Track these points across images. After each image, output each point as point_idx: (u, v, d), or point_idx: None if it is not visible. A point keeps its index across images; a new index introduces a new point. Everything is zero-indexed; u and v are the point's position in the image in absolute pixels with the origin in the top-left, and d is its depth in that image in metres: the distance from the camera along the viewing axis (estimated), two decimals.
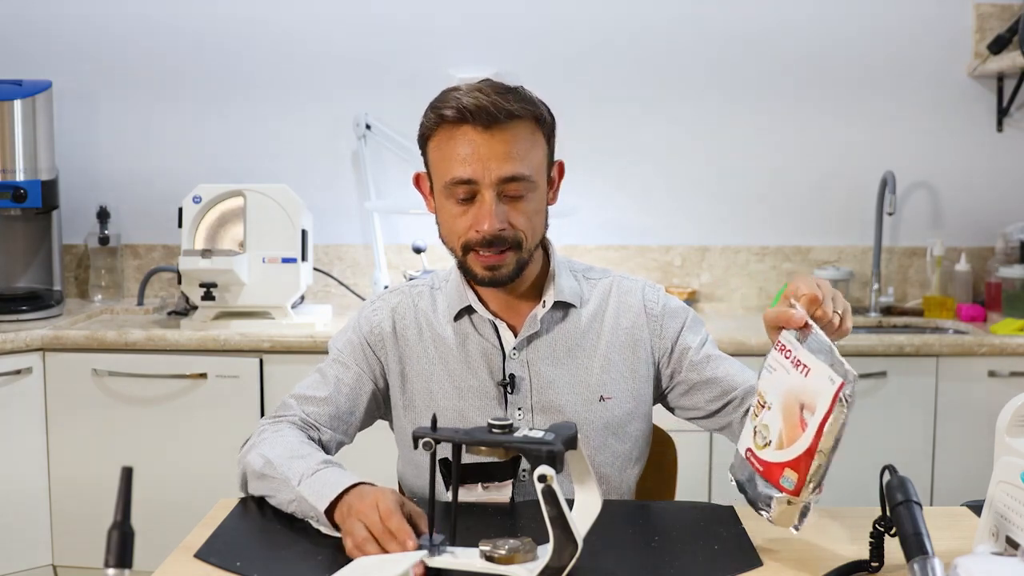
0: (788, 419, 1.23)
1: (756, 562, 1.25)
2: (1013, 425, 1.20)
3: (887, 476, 1.16)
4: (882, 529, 1.19)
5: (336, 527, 1.32)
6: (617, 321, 1.61)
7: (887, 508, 1.15)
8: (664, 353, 1.62)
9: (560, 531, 1.16)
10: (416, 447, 1.21)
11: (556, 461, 1.15)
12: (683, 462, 1.86)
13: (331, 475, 1.37)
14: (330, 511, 1.32)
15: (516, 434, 1.19)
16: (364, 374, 1.60)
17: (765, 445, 1.26)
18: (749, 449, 1.29)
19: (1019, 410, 1.20)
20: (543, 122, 1.52)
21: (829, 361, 1.21)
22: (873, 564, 1.20)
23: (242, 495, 1.50)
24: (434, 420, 1.24)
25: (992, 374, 2.77)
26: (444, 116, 1.48)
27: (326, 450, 1.56)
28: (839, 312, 1.30)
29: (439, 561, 1.19)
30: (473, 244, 1.50)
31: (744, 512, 1.43)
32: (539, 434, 1.19)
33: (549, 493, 1.14)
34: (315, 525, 1.36)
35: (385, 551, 1.21)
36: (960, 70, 3.27)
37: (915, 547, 1.07)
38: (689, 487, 2.69)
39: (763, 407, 1.28)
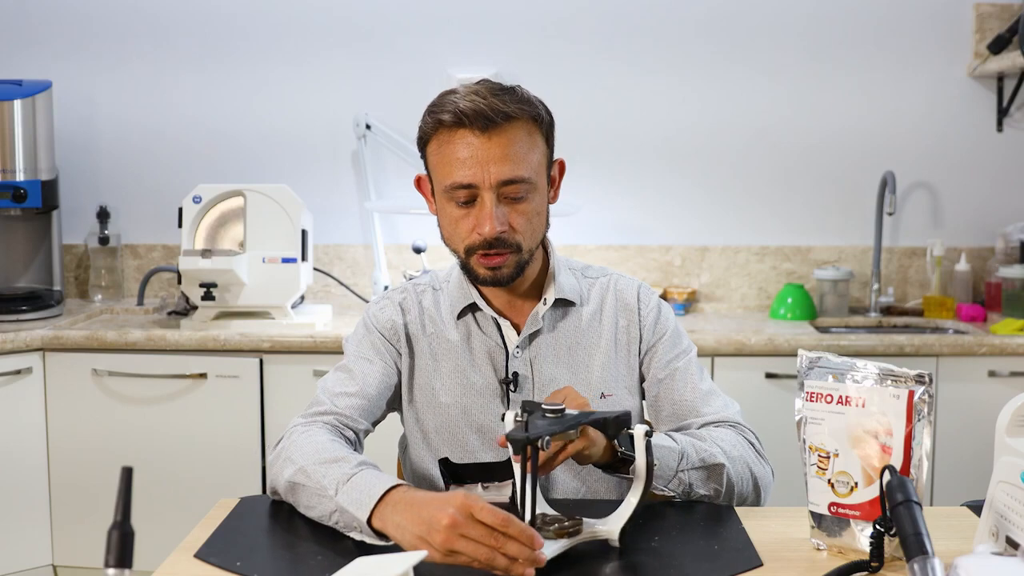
0: (866, 455, 1.24)
1: (756, 562, 1.25)
2: (1013, 425, 1.20)
3: (887, 476, 1.16)
4: (882, 529, 1.19)
5: (378, 534, 1.27)
6: (615, 319, 1.62)
7: (887, 508, 1.15)
8: (643, 353, 1.63)
9: (649, 476, 1.30)
10: (518, 453, 1.19)
11: (632, 421, 1.32)
12: None
13: (367, 479, 1.31)
14: (370, 518, 1.28)
15: (568, 412, 1.28)
16: (388, 366, 1.60)
17: (851, 490, 1.25)
18: (833, 503, 1.27)
19: (1019, 410, 1.20)
20: (541, 121, 1.52)
21: (880, 380, 1.24)
22: (873, 564, 1.20)
23: (248, 494, 1.50)
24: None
25: (992, 374, 2.77)
26: (441, 121, 1.49)
27: (360, 443, 1.55)
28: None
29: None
30: (475, 247, 1.50)
31: (744, 512, 1.43)
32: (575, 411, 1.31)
33: (650, 445, 1.31)
34: (358, 537, 1.30)
35: (510, 556, 1.16)
36: (960, 70, 3.27)
37: (915, 547, 1.07)
38: None
39: (828, 458, 1.27)
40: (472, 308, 1.60)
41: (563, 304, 1.61)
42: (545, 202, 1.56)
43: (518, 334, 1.59)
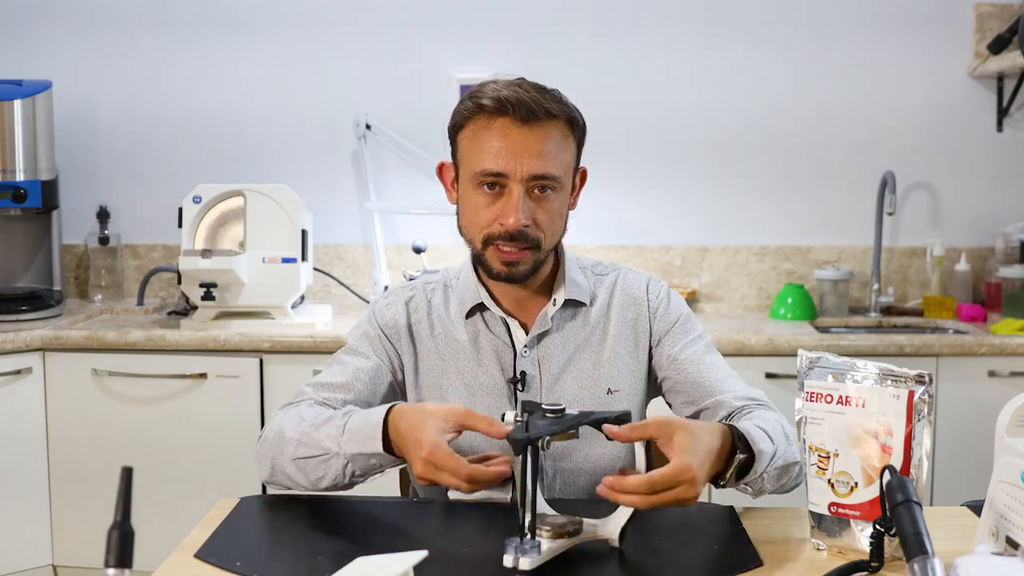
0: (866, 455, 1.24)
1: (756, 562, 1.25)
2: (1013, 425, 1.20)
3: (887, 476, 1.16)
4: (882, 529, 1.19)
5: (399, 458, 1.37)
6: (623, 314, 1.62)
7: (887, 508, 1.15)
8: (655, 344, 1.63)
9: None
10: (519, 454, 1.20)
11: (635, 418, 1.31)
12: None
13: (358, 420, 1.40)
14: (388, 446, 1.37)
15: (568, 412, 1.28)
16: (383, 364, 1.60)
17: (851, 490, 1.25)
18: (833, 503, 1.27)
19: (1019, 410, 1.20)
20: (576, 125, 1.53)
21: (880, 380, 1.24)
22: (873, 564, 1.20)
23: (248, 494, 1.50)
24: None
25: (992, 374, 2.77)
26: (483, 106, 1.48)
27: None
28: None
29: (539, 559, 1.19)
30: (495, 237, 1.50)
31: (744, 512, 1.43)
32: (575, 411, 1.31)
33: (650, 446, 1.29)
34: (379, 476, 1.41)
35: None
36: (960, 70, 3.27)
37: (915, 547, 1.07)
38: None
39: (828, 458, 1.27)
40: (480, 307, 1.60)
41: (573, 304, 1.61)
42: (567, 205, 1.56)
43: (526, 333, 1.59)
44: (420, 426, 1.30)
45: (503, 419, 1.34)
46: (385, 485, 1.56)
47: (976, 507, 1.39)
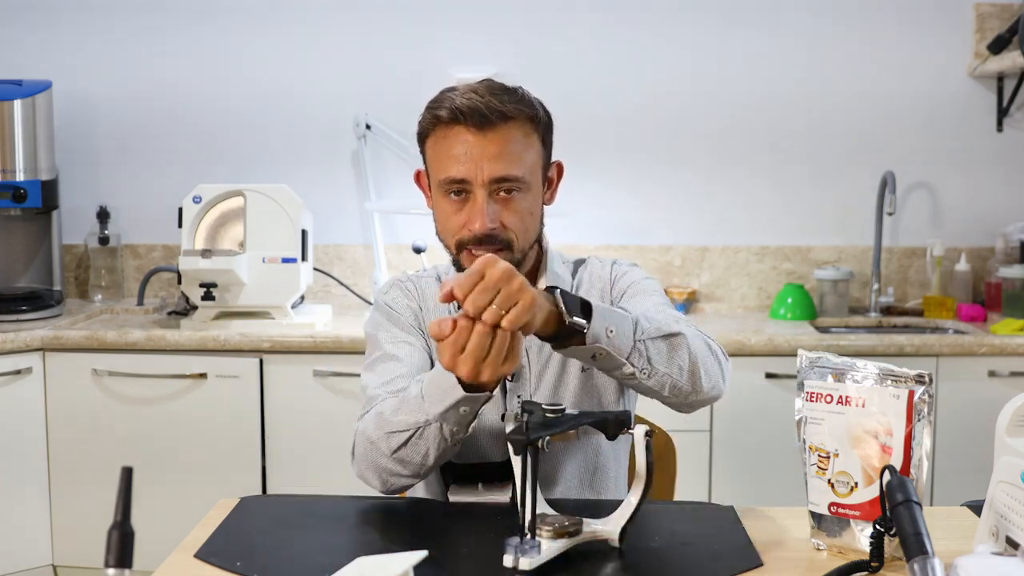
0: (866, 454, 1.24)
1: (756, 562, 1.25)
2: (1013, 425, 1.20)
3: (887, 476, 1.16)
4: (882, 529, 1.19)
5: (481, 390, 1.31)
6: (589, 292, 1.63)
7: (887, 508, 1.15)
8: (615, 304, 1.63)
9: (649, 477, 1.27)
10: (519, 454, 1.19)
11: (632, 421, 1.30)
12: (683, 462, 1.86)
13: (426, 382, 1.36)
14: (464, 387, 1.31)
15: (568, 412, 1.28)
16: (425, 346, 1.58)
17: (852, 490, 1.25)
18: (833, 503, 1.27)
19: (1019, 410, 1.20)
20: (538, 122, 1.53)
21: (880, 380, 1.24)
22: (873, 564, 1.20)
23: (248, 494, 1.50)
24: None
25: (992, 374, 2.77)
26: (439, 117, 1.50)
27: None
28: (496, 308, 1.20)
29: (539, 559, 1.18)
30: (466, 242, 1.51)
31: (744, 512, 1.43)
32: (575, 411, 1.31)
33: (650, 445, 1.28)
34: (472, 426, 1.36)
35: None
36: (960, 70, 3.27)
37: (915, 547, 1.07)
38: (689, 487, 2.69)
39: (828, 458, 1.27)
40: None
41: None
42: (539, 203, 1.56)
43: None
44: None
45: (503, 419, 1.34)
46: None
47: (976, 507, 1.39)
